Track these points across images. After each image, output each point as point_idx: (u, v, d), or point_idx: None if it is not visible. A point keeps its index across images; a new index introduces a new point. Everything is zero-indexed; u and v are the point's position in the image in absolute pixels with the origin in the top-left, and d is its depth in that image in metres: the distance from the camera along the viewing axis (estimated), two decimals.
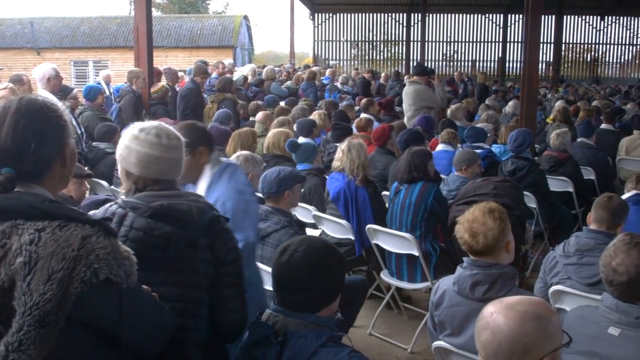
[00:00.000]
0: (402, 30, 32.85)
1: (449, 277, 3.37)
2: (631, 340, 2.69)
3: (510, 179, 5.77)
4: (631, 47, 35.81)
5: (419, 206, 5.16)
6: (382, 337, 5.33)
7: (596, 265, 3.44)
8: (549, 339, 1.96)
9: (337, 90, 14.60)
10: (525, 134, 6.75)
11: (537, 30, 8.69)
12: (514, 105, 11.34)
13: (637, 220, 4.76)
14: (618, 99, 17.00)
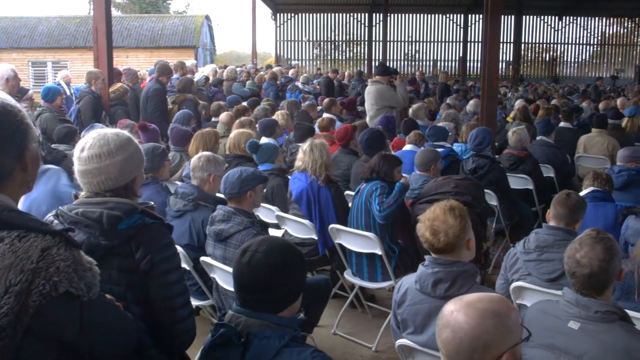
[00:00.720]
0: (364, 30, 33.07)
1: (411, 275, 3.39)
2: (590, 333, 2.73)
3: (471, 177, 5.82)
4: (588, 46, 36.56)
5: (367, 207, 5.19)
6: (347, 336, 5.33)
7: (556, 261, 3.51)
8: (509, 335, 1.98)
9: (298, 90, 14.56)
10: (486, 133, 6.82)
11: (496, 30, 8.77)
12: (474, 104, 11.43)
13: (595, 216, 4.86)
14: (576, 98, 17.29)
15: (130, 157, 2.70)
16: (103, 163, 2.63)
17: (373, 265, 5.24)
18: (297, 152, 5.83)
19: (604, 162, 8.07)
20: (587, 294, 2.82)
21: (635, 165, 5.91)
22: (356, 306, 5.75)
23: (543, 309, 2.99)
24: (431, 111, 11.41)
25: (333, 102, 10.42)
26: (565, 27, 35.53)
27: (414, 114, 9.86)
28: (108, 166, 2.63)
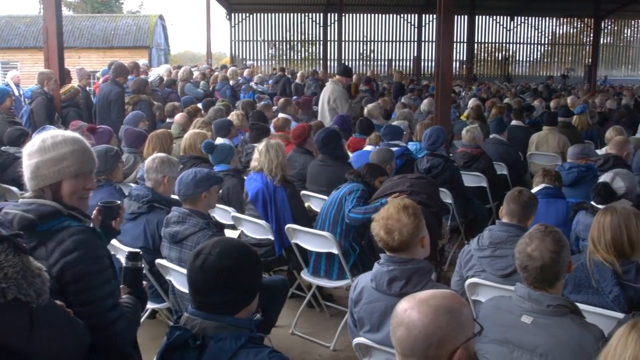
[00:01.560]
0: (319, 30, 33.12)
1: (367, 273, 3.40)
2: (543, 327, 2.79)
3: (426, 176, 5.87)
4: (539, 46, 37.29)
5: (341, 202, 5.20)
6: (305, 336, 5.33)
7: (509, 257, 3.56)
8: (462, 330, 2.00)
9: (252, 90, 14.51)
10: (440, 132, 6.88)
11: (449, 29, 8.87)
12: (428, 103, 11.54)
13: (547, 212, 4.95)
14: (528, 96, 17.58)
15: (53, 159, 2.67)
16: (31, 161, 2.65)
17: (330, 264, 5.25)
18: (253, 153, 5.81)
19: (555, 160, 8.22)
20: (540, 288, 2.88)
21: (584, 162, 6.03)
22: (314, 306, 5.74)
23: (496, 305, 3.04)
24: (386, 110, 11.47)
25: (288, 102, 10.41)
26: (517, 27, 36.16)
27: (369, 113, 9.90)
28: (32, 165, 2.64)
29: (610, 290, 3.55)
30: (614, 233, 3.57)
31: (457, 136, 9.18)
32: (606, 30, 36.73)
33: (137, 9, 48.45)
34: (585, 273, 3.68)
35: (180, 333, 2.41)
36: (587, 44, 35.45)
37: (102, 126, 7.44)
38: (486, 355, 2.92)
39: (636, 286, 3.54)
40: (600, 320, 3.22)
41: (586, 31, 36.45)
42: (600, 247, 3.60)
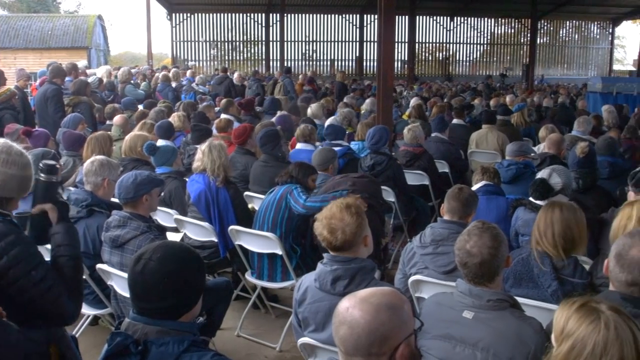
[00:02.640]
0: (261, 31, 33.04)
1: (311, 273, 3.41)
2: (483, 322, 2.84)
3: (368, 175, 5.90)
4: (479, 46, 37.94)
5: (280, 204, 5.18)
6: (250, 337, 5.31)
7: (451, 254, 3.60)
8: (404, 326, 2.03)
9: (194, 91, 14.36)
10: (382, 131, 6.93)
11: (390, 30, 8.94)
12: (371, 103, 11.61)
13: (487, 208, 5.04)
14: (468, 95, 17.85)
15: None
16: None
17: (274, 266, 5.24)
18: (195, 154, 5.76)
19: (494, 157, 8.38)
20: (479, 283, 2.92)
21: (523, 159, 6.16)
22: (259, 307, 5.72)
23: (438, 301, 3.08)
24: (329, 110, 11.49)
25: (230, 102, 10.33)
26: (457, 28, 36.73)
27: (313, 113, 9.91)
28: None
29: (549, 284, 3.64)
30: (561, 227, 3.66)
31: (399, 135, 9.26)
32: (542, 31, 37.58)
33: (74, 8, 47.53)
34: (525, 267, 3.76)
35: (121, 339, 2.37)
36: (525, 43, 36.13)
37: (38, 129, 7.28)
38: (429, 351, 2.95)
39: (573, 281, 3.64)
40: (539, 313, 3.30)
41: (523, 31, 37.21)
42: (546, 240, 3.68)
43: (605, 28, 39.06)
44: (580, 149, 5.75)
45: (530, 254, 3.77)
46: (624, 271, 2.75)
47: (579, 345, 2.01)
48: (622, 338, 1.96)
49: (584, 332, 2.01)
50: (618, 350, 1.95)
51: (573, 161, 5.80)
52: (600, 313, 2.02)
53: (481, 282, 2.93)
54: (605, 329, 1.98)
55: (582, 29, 39.58)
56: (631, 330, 1.98)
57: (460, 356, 2.84)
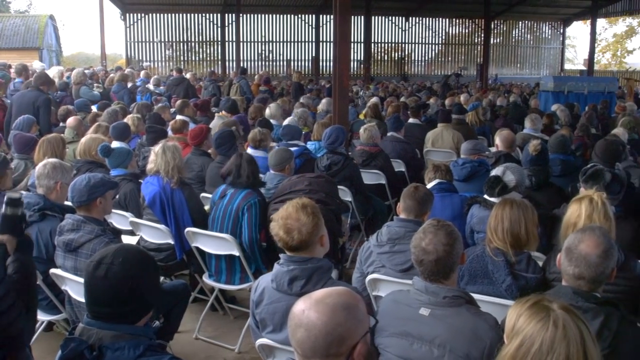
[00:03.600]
0: (217, 31, 32.84)
1: (268, 274, 3.40)
2: (440, 318, 2.87)
3: (324, 175, 5.91)
4: (434, 46, 38.30)
5: (238, 214, 5.14)
6: (209, 339, 5.28)
7: (407, 252, 3.63)
8: (360, 324, 2.05)
9: (149, 92, 14.19)
10: (339, 131, 6.95)
11: (346, 30, 8.97)
12: (327, 103, 11.63)
13: (443, 206, 5.09)
14: (424, 95, 18.02)
15: None
16: None
17: (232, 267, 5.21)
18: (150, 156, 5.69)
19: (450, 155, 8.47)
20: (435, 280, 2.96)
21: (477, 158, 6.24)
22: (217, 309, 5.69)
23: (395, 299, 3.10)
24: (285, 110, 11.48)
25: (186, 103, 10.22)
26: (412, 28, 37.03)
27: (270, 114, 9.89)
28: None
29: (503, 280, 3.69)
30: (512, 223, 3.74)
31: (356, 135, 9.30)
32: (496, 31, 38.10)
33: (25, 8, 46.52)
34: (480, 264, 3.82)
35: (75, 345, 2.34)
36: (479, 43, 36.62)
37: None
38: (387, 349, 2.97)
39: (527, 275, 3.70)
40: (494, 308, 3.36)
41: (477, 31, 37.72)
42: (497, 236, 3.75)
43: (557, 28, 39.82)
44: (533, 146, 5.84)
45: (485, 251, 3.82)
46: (572, 264, 2.83)
47: (527, 342, 2.04)
48: (570, 337, 1.99)
49: (532, 330, 2.04)
50: (565, 349, 1.98)
51: (526, 159, 5.89)
52: (550, 311, 2.06)
53: (437, 279, 2.96)
54: (554, 327, 2.01)
55: (534, 29, 40.27)
56: (579, 330, 2.02)
57: (417, 353, 2.87)
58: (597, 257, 2.80)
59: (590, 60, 27.41)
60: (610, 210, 3.80)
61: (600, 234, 2.89)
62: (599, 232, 2.90)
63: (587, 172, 4.65)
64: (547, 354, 1.98)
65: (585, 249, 2.82)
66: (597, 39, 40.85)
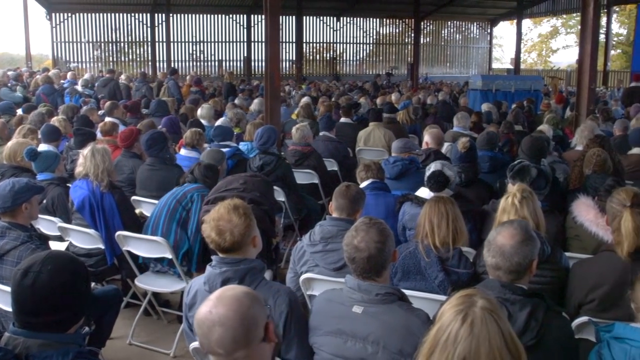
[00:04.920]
0: (146, 31, 32.32)
1: (200, 277, 3.36)
2: (373, 315, 2.91)
3: (259, 174, 5.89)
4: (365, 45, 38.62)
5: (176, 209, 5.08)
6: (143, 345, 5.20)
7: (340, 250, 3.65)
8: (262, 307, 2.16)
9: (78, 93, 13.87)
10: (270, 131, 6.93)
11: (276, 30, 8.98)
12: (259, 103, 11.61)
13: (376, 205, 5.14)
14: (355, 94, 18.16)
15: None
16: None
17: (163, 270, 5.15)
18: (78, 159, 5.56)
19: (381, 154, 8.55)
20: (368, 278, 2.99)
21: (408, 156, 6.32)
22: (151, 313, 5.61)
23: (328, 298, 3.12)
24: (217, 111, 11.39)
25: (115, 105, 10.01)
26: (344, 28, 37.24)
27: (202, 115, 9.79)
28: None
29: (435, 276, 3.77)
30: (442, 220, 3.82)
31: (288, 135, 9.31)
32: (426, 31, 38.71)
33: None
34: (413, 261, 3.88)
35: (1, 355, 2.27)
36: (409, 43, 37.04)
37: None
38: (322, 348, 2.99)
39: (459, 271, 3.78)
40: (426, 304, 3.42)
41: (408, 31, 38.17)
42: (428, 233, 3.82)
43: (484, 28, 40.67)
44: (462, 144, 5.96)
45: (417, 248, 3.88)
46: (490, 255, 2.92)
47: (440, 331, 2.07)
48: (474, 335, 2.00)
49: (447, 320, 2.07)
50: (467, 345, 1.99)
51: (455, 156, 6.00)
52: (470, 306, 2.07)
53: (369, 276, 2.99)
54: (462, 321, 2.03)
55: (462, 29, 41.02)
56: (487, 331, 2.01)
57: (351, 350, 2.89)
58: (511, 247, 2.88)
59: (517, 59, 28.14)
60: (538, 205, 3.92)
61: (517, 225, 2.98)
62: (516, 224, 3.00)
63: (514, 169, 4.78)
64: (451, 346, 2.01)
65: (501, 240, 2.91)
66: (523, 39, 42.02)
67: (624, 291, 2.96)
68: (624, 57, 42.29)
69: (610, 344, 2.74)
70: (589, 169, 5.60)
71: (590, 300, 3.58)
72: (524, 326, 2.75)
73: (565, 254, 4.06)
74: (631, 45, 34.03)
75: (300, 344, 3.06)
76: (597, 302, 3.55)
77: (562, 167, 6.75)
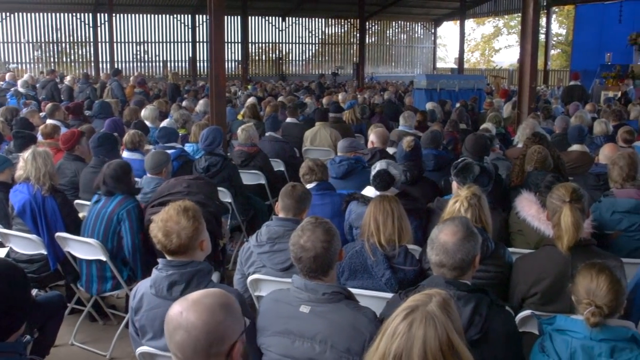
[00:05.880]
0: (89, 31, 31.73)
1: (147, 280, 3.31)
2: (320, 315, 2.91)
3: (203, 176, 5.85)
4: (311, 45, 38.70)
5: (111, 218, 4.98)
6: (88, 348, 5.12)
7: (287, 251, 3.66)
8: (238, 323, 2.09)
9: (19, 95, 13.54)
10: (216, 132, 6.89)
11: (220, 30, 8.92)
12: (204, 104, 11.53)
13: (322, 205, 5.15)
14: (302, 94, 18.18)
15: None
16: None
17: (103, 275, 5.06)
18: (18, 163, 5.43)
19: (328, 153, 8.58)
20: (314, 277, 3.00)
21: (354, 155, 6.35)
22: (96, 319, 5.52)
23: (275, 298, 3.11)
24: (161, 112, 11.25)
25: (57, 107, 9.79)
26: (289, 28, 37.24)
27: (146, 117, 9.66)
28: None
29: (382, 273, 3.80)
30: (388, 218, 3.85)
31: (234, 136, 9.27)
32: (371, 31, 38.99)
33: None
34: (359, 259, 3.90)
35: None
36: (355, 43, 37.29)
37: None
38: (270, 348, 2.99)
39: (405, 268, 3.83)
40: (373, 302, 3.45)
41: (353, 31, 38.41)
42: (374, 231, 3.85)
43: (429, 28, 41.17)
44: (407, 143, 6.02)
45: (363, 246, 3.91)
46: (433, 253, 2.96)
47: (387, 324, 2.09)
48: (410, 335, 2.00)
49: (394, 314, 2.09)
50: (402, 343, 2.00)
51: (400, 155, 6.06)
52: (420, 306, 2.07)
53: (316, 276, 2.99)
54: (401, 319, 2.05)
55: (407, 29, 41.46)
56: (424, 334, 2.00)
57: (299, 350, 2.89)
58: (454, 244, 2.93)
59: (461, 59, 28.54)
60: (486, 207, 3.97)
61: (458, 222, 3.04)
62: (457, 222, 3.05)
63: (458, 166, 4.85)
64: (389, 340, 2.02)
65: (444, 238, 2.96)
66: (467, 39, 42.71)
67: (565, 284, 3.04)
68: (563, 56, 43.37)
69: (552, 336, 2.81)
70: (530, 166, 5.72)
71: (533, 293, 3.66)
72: (468, 321, 2.79)
73: (508, 249, 4.14)
74: (570, 45, 35.02)
75: (249, 346, 3.05)
76: (539, 295, 3.63)
77: (505, 165, 6.89)
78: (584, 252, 3.56)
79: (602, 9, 27.75)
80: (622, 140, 7.56)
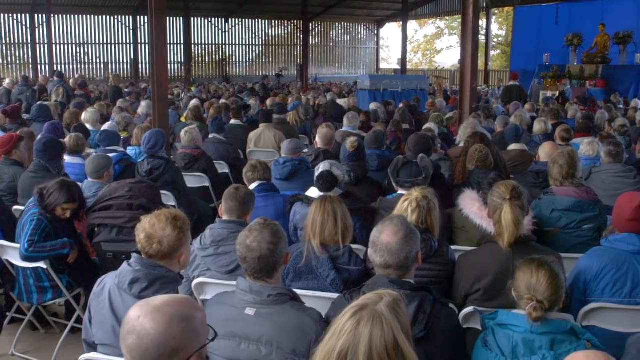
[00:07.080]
0: (26, 32, 30.93)
1: (115, 272, 3.31)
2: (265, 317, 2.91)
3: (145, 180, 5.78)
4: (254, 47, 38.57)
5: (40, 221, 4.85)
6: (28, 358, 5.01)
7: (232, 253, 3.66)
8: (196, 337, 2.02)
9: None
10: (158, 135, 6.81)
11: (162, 31, 8.82)
12: (146, 106, 11.38)
13: (265, 207, 5.14)
14: (245, 96, 18.11)
15: None
16: None
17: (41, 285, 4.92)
18: None
19: (272, 155, 8.56)
20: (259, 279, 3.00)
21: (298, 156, 6.36)
22: (38, 328, 5.39)
23: (220, 301, 3.10)
24: (103, 115, 11.05)
25: None
26: (232, 29, 37.04)
27: (87, 120, 9.47)
28: None
29: (327, 274, 3.81)
30: (331, 218, 3.86)
31: (178, 138, 9.17)
32: (314, 32, 39.03)
33: None
34: (304, 260, 3.90)
35: None
36: (298, 44, 37.33)
37: None
38: (215, 352, 2.96)
39: (350, 268, 3.85)
40: (319, 303, 3.47)
41: (296, 33, 38.42)
42: (318, 233, 3.86)
43: (372, 30, 41.47)
44: (350, 143, 6.06)
45: (308, 247, 3.91)
46: (377, 255, 2.99)
47: (335, 321, 2.10)
48: (358, 332, 2.01)
49: (343, 312, 2.10)
50: (347, 339, 2.01)
51: (344, 155, 6.09)
52: (370, 305, 2.08)
53: (260, 277, 3.00)
54: (351, 316, 2.05)
55: (350, 31, 41.67)
56: (370, 333, 2.01)
57: (245, 353, 2.88)
58: (397, 244, 2.96)
59: (403, 59, 28.78)
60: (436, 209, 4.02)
61: (397, 222, 3.07)
62: (396, 221, 3.08)
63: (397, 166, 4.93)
64: (335, 337, 2.03)
65: (386, 239, 2.98)
66: (410, 40, 43.19)
67: (507, 280, 3.10)
68: (503, 57, 44.26)
69: (495, 331, 2.87)
70: (472, 165, 5.82)
71: (475, 290, 3.73)
72: (412, 319, 2.82)
73: (452, 247, 4.21)
74: (509, 46, 35.69)
75: None
76: (482, 291, 3.70)
77: (448, 164, 7.00)
78: (525, 248, 3.65)
79: (539, 11, 28.38)
80: (559, 138, 7.77)
